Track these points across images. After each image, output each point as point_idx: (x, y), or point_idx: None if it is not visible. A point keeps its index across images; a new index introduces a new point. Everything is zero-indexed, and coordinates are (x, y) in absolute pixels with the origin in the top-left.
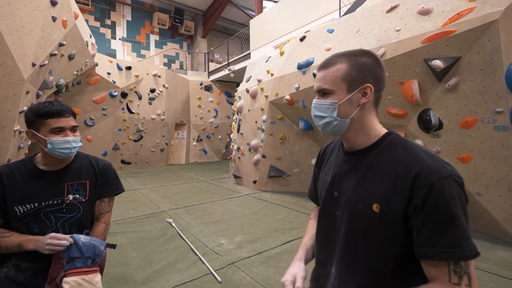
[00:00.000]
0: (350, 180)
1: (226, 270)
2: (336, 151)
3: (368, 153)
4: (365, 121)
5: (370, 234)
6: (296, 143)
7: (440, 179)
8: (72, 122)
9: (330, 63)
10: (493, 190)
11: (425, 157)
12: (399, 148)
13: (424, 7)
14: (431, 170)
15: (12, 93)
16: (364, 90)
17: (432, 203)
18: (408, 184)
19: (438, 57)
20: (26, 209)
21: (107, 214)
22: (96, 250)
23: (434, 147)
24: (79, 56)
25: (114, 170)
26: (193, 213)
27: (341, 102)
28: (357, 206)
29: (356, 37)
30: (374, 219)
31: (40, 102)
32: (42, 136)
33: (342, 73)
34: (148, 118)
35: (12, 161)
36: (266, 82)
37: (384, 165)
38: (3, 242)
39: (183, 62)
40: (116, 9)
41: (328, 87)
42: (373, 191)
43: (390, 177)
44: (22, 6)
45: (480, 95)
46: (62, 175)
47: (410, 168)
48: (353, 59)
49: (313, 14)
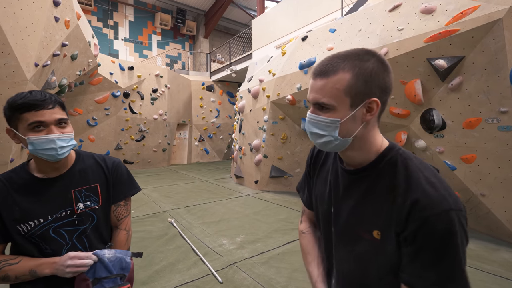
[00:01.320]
0: (348, 200)
1: (227, 271)
2: (332, 160)
3: (367, 172)
4: (368, 137)
5: (369, 258)
6: (297, 143)
7: (437, 214)
8: (57, 114)
9: (330, 71)
10: (497, 191)
11: (426, 186)
12: (400, 169)
13: (427, 6)
14: (429, 202)
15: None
16: (370, 105)
17: (423, 238)
18: (405, 212)
19: (442, 56)
20: (30, 227)
21: (126, 219)
22: (123, 264)
23: (437, 148)
24: (82, 56)
25: (126, 168)
26: (194, 213)
27: (343, 120)
28: (356, 230)
29: (358, 36)
30: (375, 245)
31: (19, 93)
32: (21, 135)
33: (345, 85)
34: (150, 118)
35: (6, 169)
36: (268, 82)
37: (384, 188)
38: (11, 271)
39: (185, 62)
40: (119, 9)
41: (327, 102)
42: (372, 217)
43: (389, 202)
44: (25, 6)
45: (484, 95)
46: (65, 182)
47: (407, 196)
48: (358, 66)
49: (315, 13)
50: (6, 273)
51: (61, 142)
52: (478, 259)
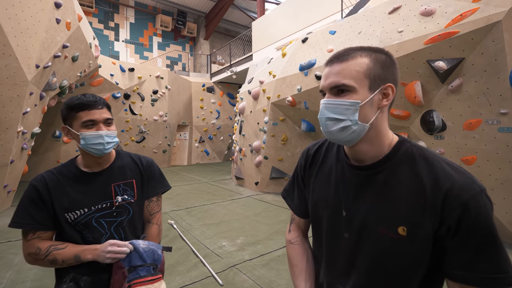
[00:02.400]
0: (362, 198)
1: (228, 273)
2: (334, 160)
3: (381, 167)
4: (382, 127)
5: (395, 259)
6: (298, 145)
7: (474, 196)
8: (105, 114)
9: (348, 56)
10: (498, 193)
11: (452, 172)
12: (418, 160)
13: (427, 8)
14: (462, 187)
15: (16, 94)
16: (385, 91)
17: (468, 224)
18: (438, 203)
19: (441, 58)
20: (76, 215)
21: (158, 214)
22: (155, 255)
23: (437, 149)
24: (83, 58)
25: (158, 167)
26: (194, 214)
27: (364, 102)
28: (378, 229)
29: (358, 38)
30: (400, 243)
31: (74, 96)
32: (75, 131)
33: (365, 68)
34: (151, 120)
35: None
36: (268, 84)
37: (404, 181)
38: (59, 255)
39: (186, 64)
40: (120, 11)
41: (348, 83)
42: (396, 212)
43: (414, 195)
44: (26, 8)
45: (484, 97)
46: (107, 176)
47: (437, 185)
48: (373, 55)
49: (315, 16)
50: (55, 257)
51: (108, 138)
52: None
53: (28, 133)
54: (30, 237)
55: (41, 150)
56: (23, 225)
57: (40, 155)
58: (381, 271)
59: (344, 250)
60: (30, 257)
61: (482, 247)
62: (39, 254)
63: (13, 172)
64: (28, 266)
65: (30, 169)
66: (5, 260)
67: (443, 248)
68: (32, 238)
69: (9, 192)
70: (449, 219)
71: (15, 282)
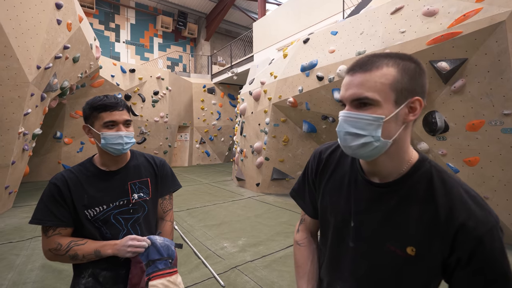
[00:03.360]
0: (375, 213)
1: (229, 274)
2: (349, 168)
3: (398, 186)
4: (404, 143)
5: (401, 275)
6: (299, 146)
7: (489, 230)
8: (125, 116)
9: (373, 65)
10: (500, 194)
11: (469, 201)
12: (436, 182)
13: (430, 9)
14: (478, 221)
15: (17, 95)
16: (412, 105)
17: (481, 258)
18: (450, 232)
19: (444, 58)
20: (96, 212)
21: (170, 211)
22: (170, 251)
23: (439, 150)
24: (83, 59)
25: (169, 166)
26: (195, 215)
27: (388, 117)
28: (387, 245)
29: (360, 39)
30: (409, 262)
31: (96, 96)
32: (96, 130)
33: (391, 80)
34: (151, 121)
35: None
36: (269, 85)
37: (420, 202)
38: (79, 250)
39: (187, 65)
40: (120, 12)
41: (371, 96)
42: (406, 232)
43: (427, 219)
44: (27, 9)
45: (487, 97)
46: (123, 174)
47: (453, 214)
48: (401, 64)
49: (317, 16)
50: (75, 252)
51: (126, 139)
52: None
53: (29, 134)
54: (51, 233)
55: (42, 151)
56: (45, 222)
57: (41, 156)
58: (384, 283)
59: (348, 258)
60: (51, 252)
61: (492, 284)
62: (60, 250)
63: (14, 173)
64: (29, 267)
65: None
66: (7, 261)
67: (451, 274)
68: (53, 234)
69: (11, 193)
70: (461, 251)
71: (16, 284)
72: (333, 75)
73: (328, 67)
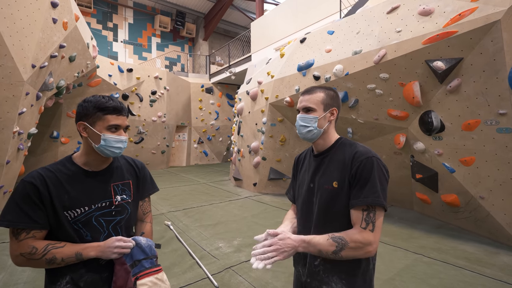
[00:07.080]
0: (319, 173)
1: (223, 275)
2: (308, 157)
3: (328, 153)
4: (330, 131)
5: (333, 202)
6: (296, 145)
7: (367, 158)
8: (126, 122)
9: (313, 91)
10: (496, 194)
11: (359, 147)
12: (346, 145)
13: (425, 8)
14: (361, 153)
15: (12, 94)
16: (332, 111)
17: (360, 172)
18: (349, 163)
19: (440, 58)
20: (76, 213)
21: (150, 213)
22: (152, 250)
23: (436, 150)
24: (80, 58)
25: (148, 169)
26: (191, 215)
27: (320, 117)
28: (324, 187)
29: (356, 38)
30: (335, 192)
31: (97, 95)
32: (96, 131)
33: (321, 98)
34: (149, 120)
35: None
36: (267, 84)
37: (338, 157)
38: (58, 254)
39: (185, 65)
40: (118, 12)
41: (312, 106)
42: (332, 174)
43: (341, 163)
44: (22, 8)
45: (482, 97)
46: (107, 176)
47: (351, 154)
48: (326, 91)
49: (314, 16)
50: (53, 255)
51: (125, 144)
52: (478, 262)
53: (25, 134)
54: (23, 236)
55: (38, 150)
56: (17, 224)
57: (38, 156)
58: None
59: (313, 209)
60: (23, 257)
61: (364, 184)
62: (35, 254)
63: (9, 173)
64: (21, 268)
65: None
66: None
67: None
68: (26, 237)
69: (5, 193)
70: (353, 170)
71: (8, 284)
72: (329, 74)
73: (324, 67)
